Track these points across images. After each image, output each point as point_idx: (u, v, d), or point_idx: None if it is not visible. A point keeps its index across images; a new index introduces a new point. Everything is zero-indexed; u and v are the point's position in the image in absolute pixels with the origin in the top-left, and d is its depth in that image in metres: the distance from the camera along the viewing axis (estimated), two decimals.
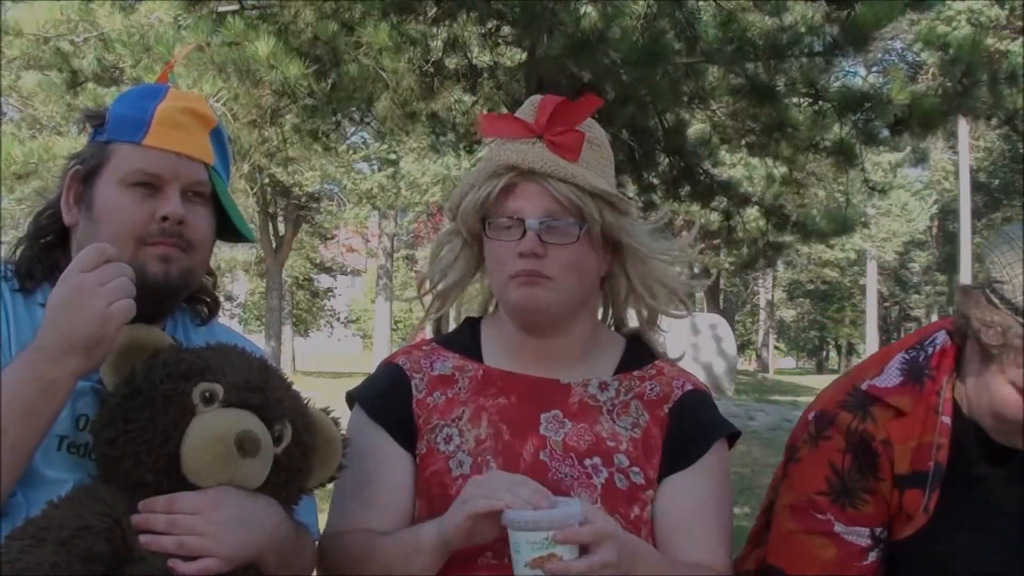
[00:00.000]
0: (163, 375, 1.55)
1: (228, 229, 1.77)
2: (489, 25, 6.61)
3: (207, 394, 1.54)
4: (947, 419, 1.78)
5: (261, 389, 1.57)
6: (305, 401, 1.67)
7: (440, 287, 1.86)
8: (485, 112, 7.88)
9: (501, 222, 1.71)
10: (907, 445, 1.78)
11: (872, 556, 1.81)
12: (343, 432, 1.70)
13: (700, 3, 6.74)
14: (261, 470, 1.55)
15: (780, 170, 8.24)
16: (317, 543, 1.78)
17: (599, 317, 1.89)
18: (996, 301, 1.67)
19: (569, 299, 1.73)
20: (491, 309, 1.90)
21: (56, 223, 1.73)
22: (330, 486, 1.76)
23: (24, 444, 1.48)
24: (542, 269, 1.69)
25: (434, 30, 6.51)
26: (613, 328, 1.91)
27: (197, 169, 1.69)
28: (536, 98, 1.77)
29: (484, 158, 1.77)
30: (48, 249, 1.72)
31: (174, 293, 1.70)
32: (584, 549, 1.49)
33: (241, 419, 1.53)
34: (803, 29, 6.48)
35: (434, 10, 6.27)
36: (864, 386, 1.83)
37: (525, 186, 1.69)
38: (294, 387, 1.66)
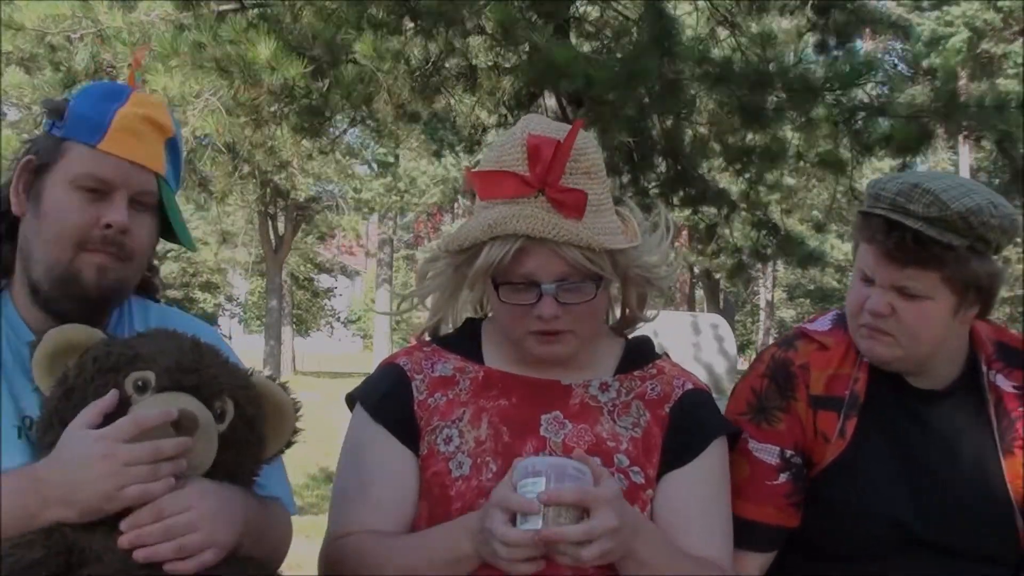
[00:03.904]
0: (93, 371, 1.53)
1: (173, 233, 1.78)
2: (470, 39, 6.62)
3: (139, 382, 1.52)
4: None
5: (194, 369, 1.55)
6: (248, 372, 1.65)
7: (432, 303, 1.86)
8: (483, 114, 7.88)
9: (514, 286, 1.69)
10: (824, 371, 1.94)
11: (783, 478, 1.91)
12: (294, 397, 1.68)
13: (684, 16, 6.76)
14: (205, 449, 1.52)
15: (770, 180, 8.27)
16: (330, 543, 1.77)
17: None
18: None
19: (588, 340, 1.76)
20: (488, 309, 1.89)
21: (6, 214, 1.72)
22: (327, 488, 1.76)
23: None
24: (561, 326, 1.69)
25: (424, 40, 6.52)
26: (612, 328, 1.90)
27: (147, 179, 1.69)
28: (520, 136, 1.69)
29: (480, 208, 1.71)
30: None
31: (106, 301, 1.70)
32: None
33: (176, 400, 1.50)
34: (789, 63, 6.52)
35: (411, 27, 6.28)
36: (796, 326, 2.07)
37: (536, 249, 1.65)
38: (231, 361, 1.64)
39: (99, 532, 1.46)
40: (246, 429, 1.59)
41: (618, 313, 1.90)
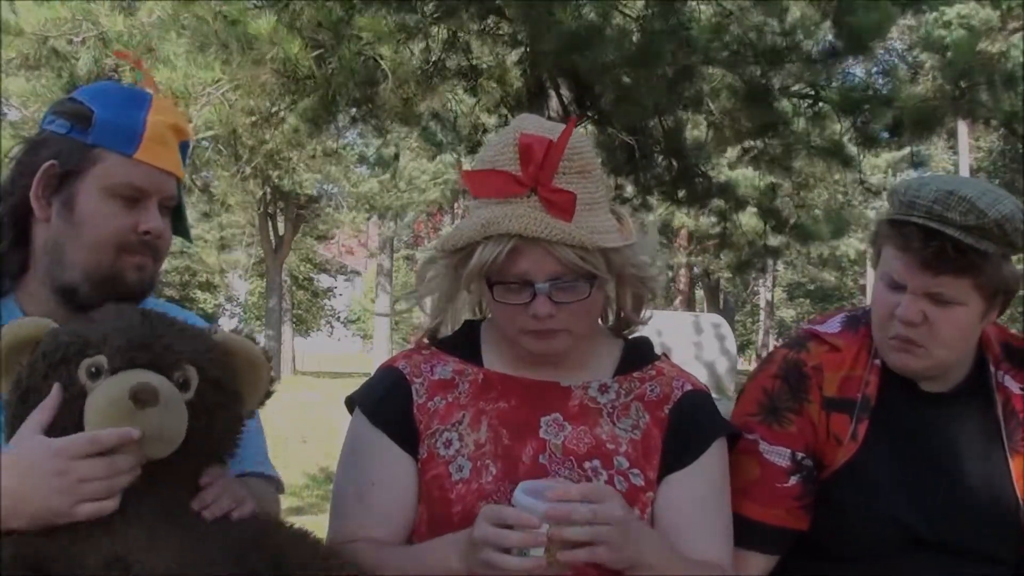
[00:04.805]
0: (44, 367, 1.50)
1: (178, 229, 1.85)
2: (488, 21, 6.61)
3: (93, 369, 1.49)
4: (879, 362, 1.93)
5: (146, 344, 1.51)
6: (211, 331, 1.64)
7: (431, 305, 1.85)
8: (482, 113, 7.88)
9: (508, 286, 1.68)
10: (837, 373, 1.93)
11: (793, 480, 1.91)
12: (264, 347, 1.67)
13: (698, 4, 6.74)
14: (173, 419, 1.48)
15: (776, 177, 8.26)
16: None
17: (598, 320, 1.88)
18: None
19: (582, 338, 1.76)
20: (487, 312, 1.89)
21: (16, 220, 1.73)
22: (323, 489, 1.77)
23: None
24: (556, 325, 1.69)
25: (433, 29, 6.51)
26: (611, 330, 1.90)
27: (173, 184, 1.77)
28: (513, 136, 1.69)
29: (475, 207, 1.71)
30: (9, 250, 1.72)
31: (143, 297, 1.76)
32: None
33: (132, 378, 1.46)
34: (801, 35, 6.50)
35: (433, 5, 6.26)
36: (804, 326, 2.04)
37: (529, 248, 1.64)
38: (188, 325, 1.63)
39: (66, 538, 1.43)
40: (214, 392, 1.56)
41: (613, 317, 1.90)
